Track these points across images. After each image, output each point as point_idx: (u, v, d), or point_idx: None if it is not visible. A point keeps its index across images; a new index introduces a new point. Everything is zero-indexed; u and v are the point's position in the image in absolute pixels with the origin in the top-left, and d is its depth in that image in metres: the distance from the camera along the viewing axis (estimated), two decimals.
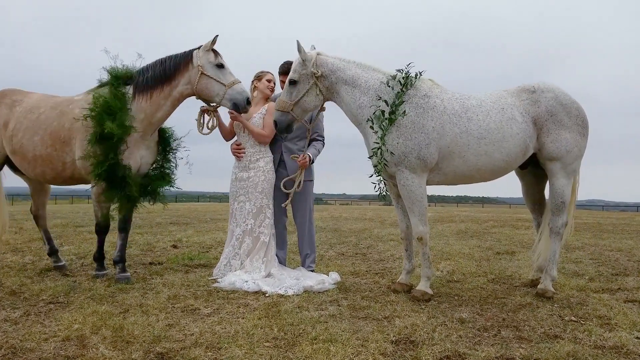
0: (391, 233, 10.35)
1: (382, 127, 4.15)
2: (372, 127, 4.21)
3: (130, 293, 4.32)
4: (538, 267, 4.85)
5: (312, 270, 5.14)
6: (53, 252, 5.48)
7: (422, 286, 4.29)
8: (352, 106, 4.37)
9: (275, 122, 4.48)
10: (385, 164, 4.19)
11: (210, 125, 5.00)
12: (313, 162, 5.15)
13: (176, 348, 2.93)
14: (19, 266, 5.64)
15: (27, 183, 5.54)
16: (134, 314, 3.63)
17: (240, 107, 4.62)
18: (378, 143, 4.17)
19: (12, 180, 5.41)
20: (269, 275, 4.83)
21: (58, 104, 4.90)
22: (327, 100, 4.54)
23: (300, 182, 5.02)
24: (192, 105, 4.88)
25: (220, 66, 4.62)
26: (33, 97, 5.09)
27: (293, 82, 4.36)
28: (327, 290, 4.54)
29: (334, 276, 4.94)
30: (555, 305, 4.09)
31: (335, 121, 5.18)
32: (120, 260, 4.90)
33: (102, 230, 4.93)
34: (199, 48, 4.66)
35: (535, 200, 4.98)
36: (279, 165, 5.17)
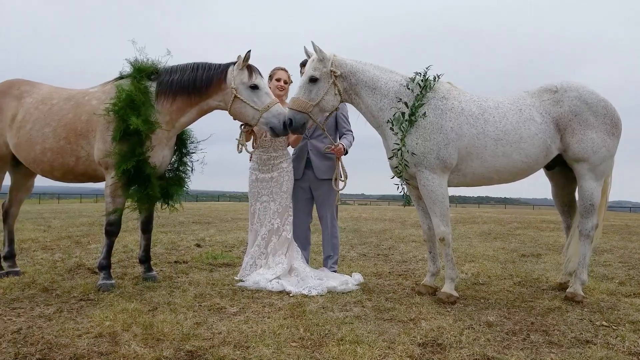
0: (412, 234, 10.31)
1: (402, 128, 4.17)
2: (392, 129, 4.23)
3: (157, 291, 4.38)
4: (568, 272, 4.77)
5: (334, 272, 5.14)
6: (11, 256, 5.10)
7: (447, 288, 4.26)
8: (373, 108, 4.36)
9: (291, 120, 4.25)
10: (406, 165, 4.20)
11: (253, 144, 4.93)
12: (347, 152, 5.06)
13: (205, 346, 2.96)
14: (49, 263, 5.78)
15: (11, 177, 5.21)
16: (163, 312, 3.69)
17: (277, 131, 4.39)
18: (398, 144, 4.18)
19: (39, 180, 5.37)
20: (291, 269, 4.86)
21: (72, 95, 4.66)
22: (343, 101, 4.51)
23: (342, 173, 4.97)
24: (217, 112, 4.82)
25: (255, 87, 4.41)
26: (44, 88, 4.85)
27: (314, 80, 4.26)
28: (350, 291, 4.54)
29: (357, 277, 4.95)
30: (585, 310, 4.01)
31: (352, 121, 5.12)
32: (146, 260, 4.96)
33: (113, 229, 4.51)
34: (234, 64, 4.46)
35: (565, 202, 4.90)
36: (306, 166, 5.16)
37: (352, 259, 6.72)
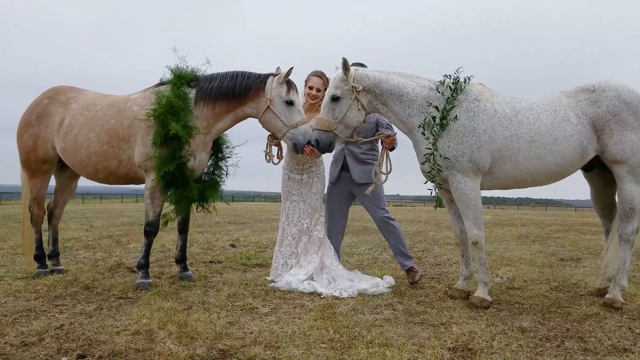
0: (447, 236, 10.19)
1: (433, 132, 4.14)
2: (423, 134, 4.20)
3: (192, 290, 4.50)
4: (607, 277, 4.63)
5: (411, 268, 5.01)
6: (55, 255, 5.33)
7: (480, 293, 4.20)
8: (401, 115, 4.34)
9: (317, 141, 4.36)
10: (439, 170, 4.17)
11: (278, 154, 5.02)
12: (394, 148, 4.81)
13: (237, 345, 3.03)
14: (91, 262, 6.01)
15: (56, 179, 5.42)
16: (197, 311, 3.79)
17: (299, 148, 4.53)
18: (430, 149, 4.15)
19: (82, 180, 5.57)
20: (322, 266, 4.89)
21: (115, 101, 4.86)
22: (369, 113, 4.51)
23: (388, 166, 4.70)
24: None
25: (290, 103, 4.52)
26: (88, 95, 5.06)
27: (336, 99, 4.31)
28: (381, 294, 4.54)
29: (389, 280, 4.94)
30: (625, 317, 3.89)
31: None
32: (182, 260, 5.09)
33: (152, 230, 4.68)
34: (275, 75, 4.58)
35: (605, 204, 4.76)
36: (343, 169, 5.10)
37: (384, 261, 6.70)
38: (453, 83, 4.22)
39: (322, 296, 4.40)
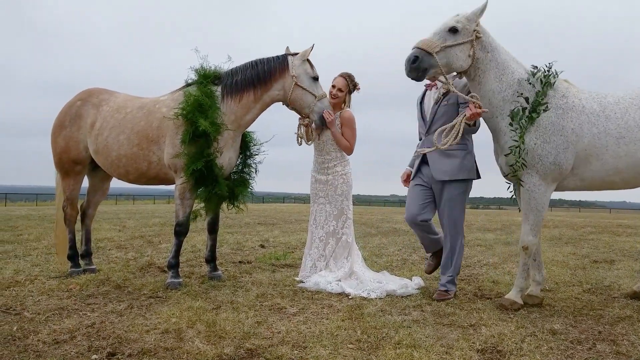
0: (478, 238, 10.05)
1: (521, 124, 3.93)
2: (511, 125, 3.97)
3: (221, 290, 4.56)
4: None
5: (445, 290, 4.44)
6: (88, 254, 5.44)
7: (512, 295, 4.11)
8: (494, 96, 4.03)
9: (416, 57, 3.85)
10: (524, 164, 3.95)
11: (311, 134, 5.07)
12: (478, 127, 4.26)
13: (264, 345, 3.06)
14: (122, 262, 6.15)
15: (89, 180, 5.53)
16: (226, 310, 3.84)
17: (325, 120, 4.72)
18: (517, 141, 3.94)
19: (115, 182, 5.67)
20: (352, 273, 4.89)
21: (145, 104, 4.95)
22: (468, 71, 4.07)
23: (457, 133, 4.06)
24: (276, 110, 4.94)
25: (316, 79, 4.71)
26: (120, 97, 5.16)
27: (454, 30, 3.93)
28: (410, 295, 4.51)
29: (417, 281, 4.90)
30: None
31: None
32: (212, 260, 5.16)
33: (182, 230, 4.74)
34: (292, 55, 4.71)
35: None
36: (424, 162, 4.57)
37: (413, 262, 6.66)
38: (544, 76, 4.01)
39: (350, 297, 4.40)
